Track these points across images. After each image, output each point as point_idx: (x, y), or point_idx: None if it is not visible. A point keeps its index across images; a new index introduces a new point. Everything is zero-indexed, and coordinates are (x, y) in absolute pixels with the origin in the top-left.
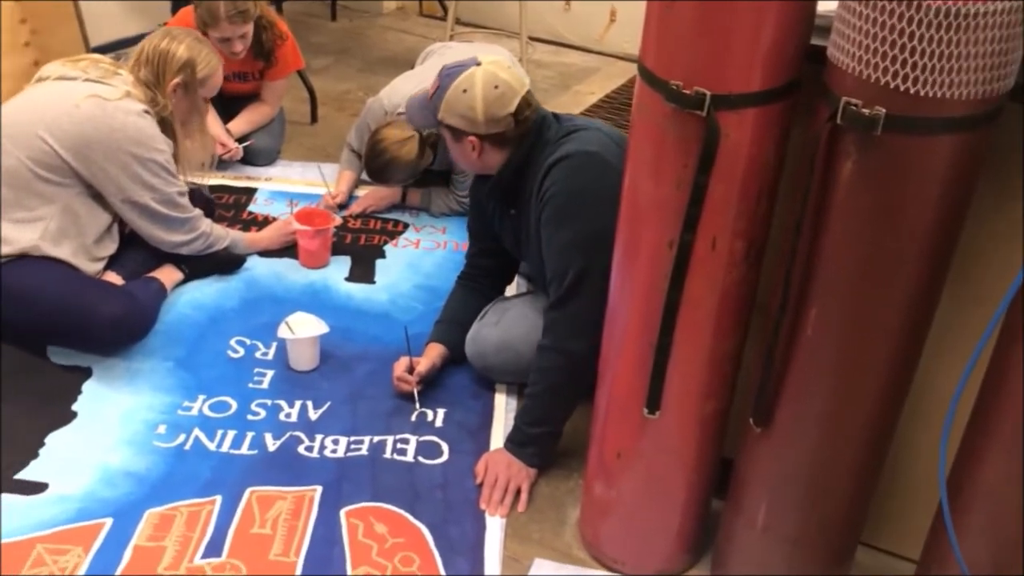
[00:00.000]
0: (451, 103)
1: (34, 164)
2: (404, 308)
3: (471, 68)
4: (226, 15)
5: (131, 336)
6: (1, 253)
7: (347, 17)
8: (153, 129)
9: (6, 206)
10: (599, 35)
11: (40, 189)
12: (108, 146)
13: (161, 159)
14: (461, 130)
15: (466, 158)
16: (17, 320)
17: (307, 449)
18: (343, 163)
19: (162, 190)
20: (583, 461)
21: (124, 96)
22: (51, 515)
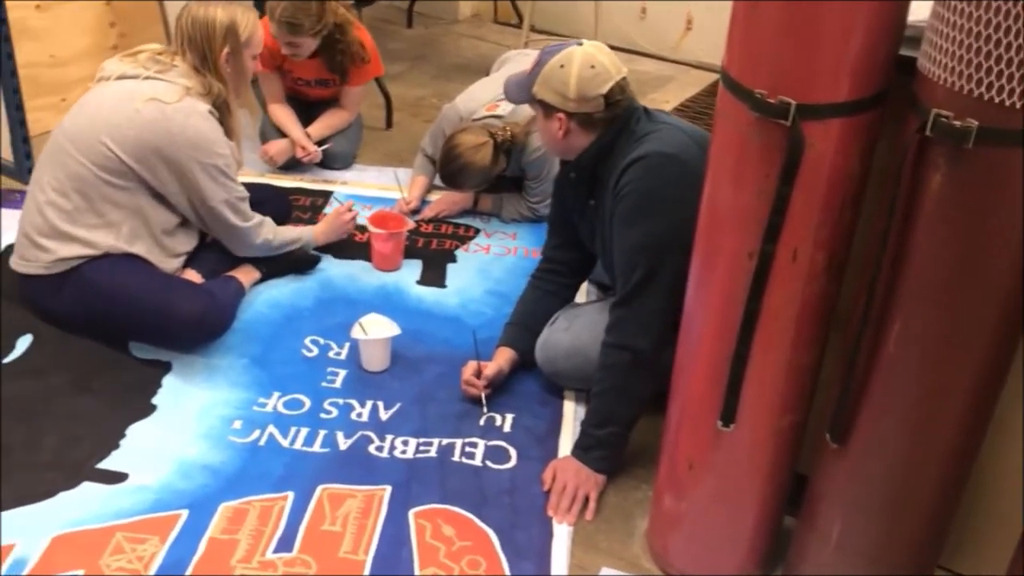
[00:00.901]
0: (547, 77)
1: (99, 170)
2: (474, 312)
3: (572, 47)
4: (278, 17)
5: (210, 334)
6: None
7: (423, 24)
8: (215, 132)
9: (78, 213)
10: (674, 43)
11: (108, 194)
12: (169, 151)
13: (221, 163)
14: (552, 106)
15: (552, 137)
16: (100, 316)
17: (377, 449)
18: (416, 168)
19: (222, 195)
20: (652, 472)
21: (184, 96)
22: (130, 504)
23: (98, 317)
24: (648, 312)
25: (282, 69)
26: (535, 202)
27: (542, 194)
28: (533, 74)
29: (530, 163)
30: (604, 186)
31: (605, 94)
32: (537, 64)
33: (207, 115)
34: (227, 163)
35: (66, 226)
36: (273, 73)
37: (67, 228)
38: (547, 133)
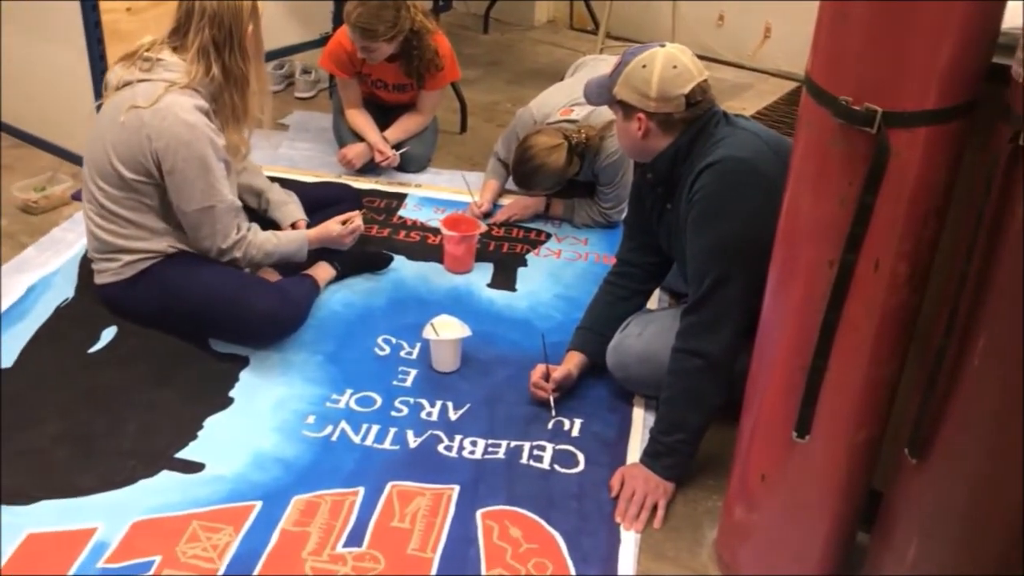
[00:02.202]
0: (628, 77)
1: (117, 190)
2: (543, 316)
3: (655, 48)
4: (354, 21)
5: (283, 331)
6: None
7: (499, 30)
8: (193, 131)
9: (124, 230)
10: (752, 51)
11: (138, 207)
12: (152, 158)
13: (197, 167)
14: (632, 106)
15: (630, 138)
16: (176, 312)
17: (446, 448)
18: (489, 172)
19: (199, 201)
20: (722, 482)
21: (162, 94)
22: (206, 494)
23: (174, 314)
24: (719, 318)
25: (361, 74)
26: (608, 207)
27: (615, 199)
28: (614, 75)
29: (604, 168)
30: (680, 190)
31: (686, 94)
32: (619, 64)
33: (189, 109)
34: (204, 165)
35: (120, 241)
36: (352, 79)
37: (121, 243)
38: (626, 134)
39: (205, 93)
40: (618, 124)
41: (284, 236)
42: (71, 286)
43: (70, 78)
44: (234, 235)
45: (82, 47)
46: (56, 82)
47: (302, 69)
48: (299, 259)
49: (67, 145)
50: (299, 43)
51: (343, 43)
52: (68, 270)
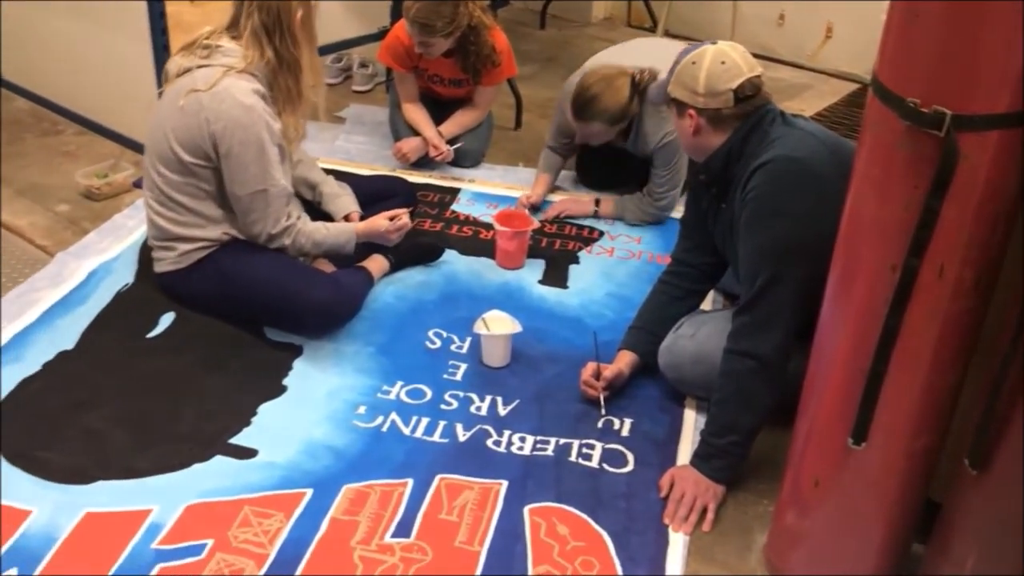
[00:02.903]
0: (679, 74)
1: (176, 175)
2: (595, 315)
3: (706, 45)
4: (412, 17)
5: (336, 321)
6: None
7: (556, 26)
8: (251, 114)
9: (181, 217)
10: (813, 51)
11: (196, 194)
12: (210, 140)
13: (253, 150)
14: (683, 103)
15: (684, 136)
16: (231, 301)
17: (495, 443)
18: (541, 166)
19: (252, 185)
20: (774, 486)
21: (221, 78)
22: (258, 480)
23: (230, 302)
24: (771, 319)
25: (418, 68)
26: (661, 192)
27: (669, 184)
28: (670, 74)
29: (659, 149)
30: (734, 189)
31: (734, 89)
32: (674, 64)
33: (247, 92)
34: (259, 148)
35: (177, 229)
36: (409, 73)
37: (178, 231)
38: (681, 132)
39: (262, 78)
40: (675, 122)
41: (333, 227)
42: (131, 272)
43: (134, 67)
44: (284, 221)
45: (146, 37)
46: (120, 71)
47: (359, 63)
48: (347, 251)
49: (130, 133)
50: (357, 37)
51: (401, 37)
52: (128, 256)
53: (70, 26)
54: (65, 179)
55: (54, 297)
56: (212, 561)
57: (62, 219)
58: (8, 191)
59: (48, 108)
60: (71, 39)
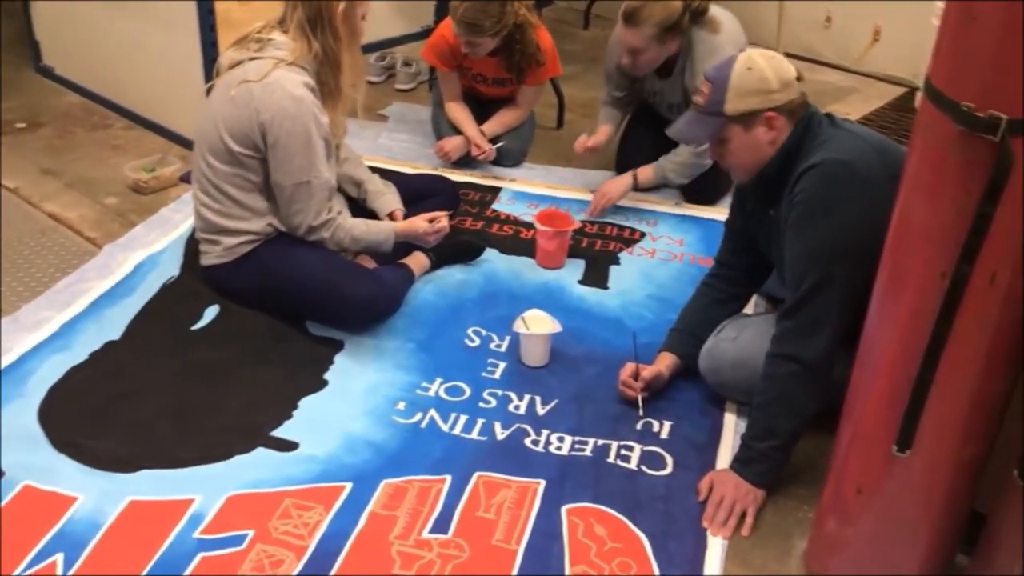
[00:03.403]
0: (740, 86)
1: (225, 165)
2: (635, 316)
3: (738, 55)
4: (459, 17)
5: (376, 316)
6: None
7: (599, 26)
8: (300, 105)
9: (227, 208)
10: (859, 54)
11: (243, 185)
12: (259, 130)
13: (300, 141)
14: (756, 110)
15: (757, 149)
16: (274, 294)
17: (533, 443)
18: (600, 119)
19: (296, 176)
20: (815, 492)
21: (272, 69)
22: (299, 473)
23: (274, 296)
24: (816, 323)
25: (462, 67)
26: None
27: None
28: (715, 97)
29: None
30: (782, 193)
31: (797, 77)
32: (712, 88)
33: (297, 84)
34: (306, 139)
35: (223, 221)
36: (452, 72)
37: (224, 223)
38: (751, 147)
39: (311, 71)
40: (737, 143)
41: (373, 225)
42: (177, 265)
43: (183, 64)
44: (325, 215)
45: (195, 34)
46: (169, 67)
47: (403, 61)
48: (385, 250)
49: (177, 128)
50: (401, 35)
51: (446, 36)
52: (175, 249)
53: (121, 23)
54: (114, 172)
55: (102, 288)
56: (252, 552)
57: (110, 212)
58: (58, 184)
59: (98, 103)
60: (122, 35)
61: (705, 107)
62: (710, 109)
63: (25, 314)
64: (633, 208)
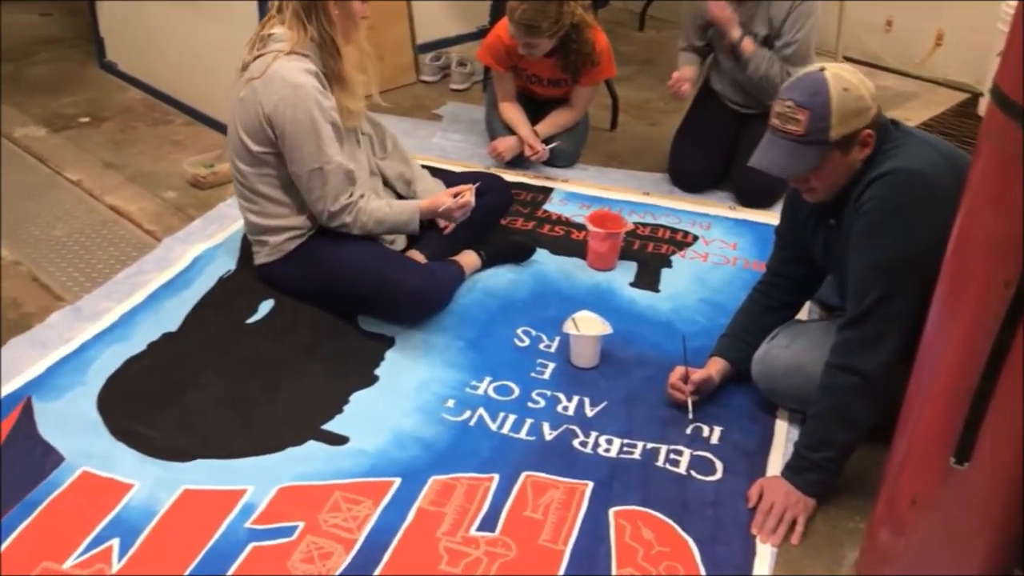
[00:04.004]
0: (842, 110)
1: (249, 166)
2: (686, 320)
3: (821, 73)
4: (517, 18)
5: (428, 308)
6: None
7: (654, 28)
8: (298, 91)
9: (266, 208)
10: (921, 59)
11: (273, 183)
12: (267, 125)
13: (308, 126)
14: (857, 131)
15: (850, 170)
16: (325, 287)
17: (581, 444)
18: (681, 61)
19: (310, 163)
20: (867, 503)
21: (270, 63)
22: (349, 467)
23: (326, 290)
24: (879, 336)
25: (517, 68)
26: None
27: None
28: (816, 123)
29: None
30: (846, 202)
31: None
32: (810, 115)
33: (295, 71)
34: (311, 126)
35: (264, 221)
36: (507, 72)
37: (265, 223)
38: (846, 167)
39: (315, 58)
40: (831, 168)
41: (396, 205)
42: (233, 259)
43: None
44: (344, 199)
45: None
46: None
47: (458, 61)
48: (411, 230)
49: None
50: (456, 36)
51: (502, 37)
52: (231, 244)
53: (183, 21)
54: (173, 167)
55: (160, 280)
56: (303, 543)
57: (169, 206)
58: (120, 177)
59: (159, 99)
60: (183, 33)
61: (806, 136)
62: (812, 139)
63: (86, 304)
64: (686, 211)
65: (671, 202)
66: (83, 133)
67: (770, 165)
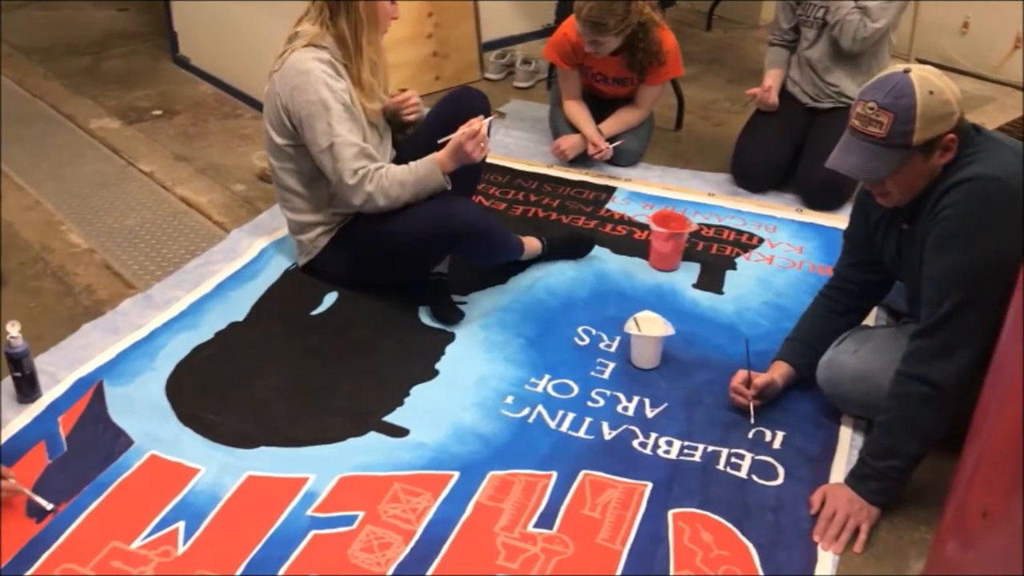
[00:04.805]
0: (927, 114)
1: (276, 160)
2: (750, 323)
3: (906, 75)
4: (584, 16)
5: (485, 236)
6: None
7: (722, 28)
8: (307, 76)
9: (301, 203)
10: (998, 62)
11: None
12: (283, 112)
13: (318, 108)
14: (940, 135)
15: (930, 174)
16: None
17: (640, 445)
18: (768, 62)
19: (323, 141)
20: (934, 514)
21: (287, 56)
22: (409, 459)
23: (381, 261)
24: (953, 346)
25: (582, 66)
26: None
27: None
28: (900, 127)
29: None
30: (922, 208)
31: None
32: (893, 119)
33: (305, 60)
34: (321, 107)
35: (295, 216)
36: (573, 70)
37: (297, 218)
38: (926, 172)
39: (333, 51)
40: (911, 172)
41: (414, 163)
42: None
43: None
44: (361, 170)
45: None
46: None
47: (522, 59)
48: (437, 184)
49: None
50: (521, 34)
51: (569, 35)
52: None
53: (254, 18)
54: (242, 160)
55: (228, 271)
56: (362, 532)
57: (238, 198)
58: (190, 169)
59: (229, 93)
60: (254, 30)
61: (887, 139)
62: (893, 142)
63: (157, 292)
64: (752, 212)
65: (736, 203)
66: (155, 126)
67: (850, 168)
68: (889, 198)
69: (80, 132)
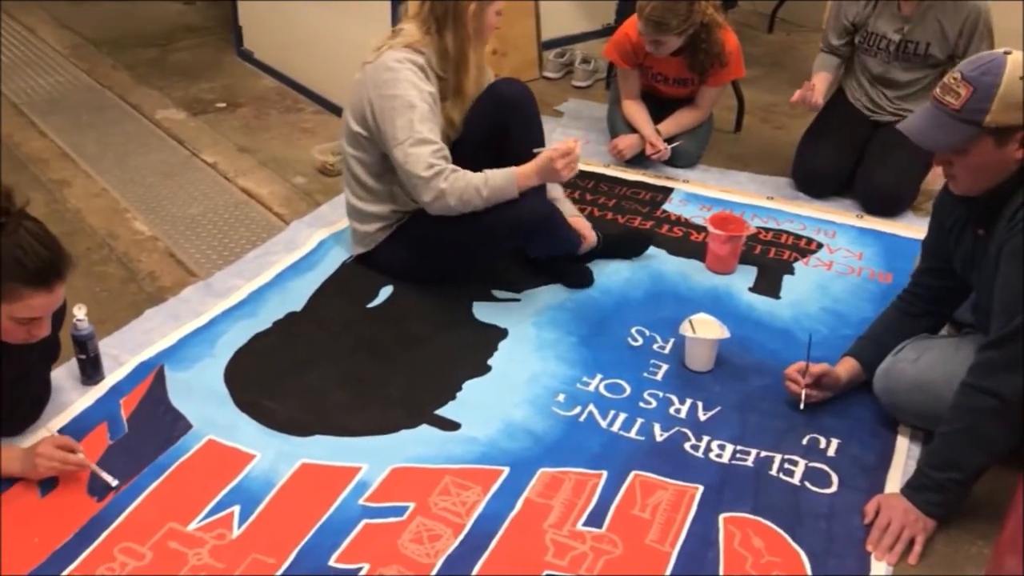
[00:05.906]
0: (1008, 96)
1: (351, 149)
2: (807, 328)
3: (1004, 55)
4: (647, 15)
5: (546, 224)
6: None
7: (784, 30)
8: (393, 74)
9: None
10: None
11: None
12: (364, 102)
13: (398, 103)
14: (1015, 126)
15: (1001, 169)
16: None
17: (692, 447)
18: (816, 66)
19: (398, 136)
20: (992, 528)
21: (384, 49)
22: (460, 453)
23: (439, 256)
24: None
25: (642, 66)
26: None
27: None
28: (977, 103)
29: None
30: (999, 215)
31: None
32: (973, 92)
33: (396, 58)
34: (406, 103)
35: (356, 203)
36: (632, 70)
37: (357, 204)
38: (997, 164)
39: (431, 56)
40: (979, 159)
41: (491, 171)
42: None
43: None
44: (437, 166)
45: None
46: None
47: (582, 59)
48: (510, 195)
49: None
50: (581, 33)
51: (629, 34)
52: None
53: (317, 14)
54: (302, 154)
55: (287, 261)
56: (412, 523)
57: (298, 191)
58: (252, 161)
59: (291, 87)
60: (317, 26)
61: (959, 112)
62: (965, 116)
63: (217, 280)
64: (811, 217)
65: (795, 208)
66: (219, 117)
67: (913, 130)
68: (955, 183)
69: (146, 122)
